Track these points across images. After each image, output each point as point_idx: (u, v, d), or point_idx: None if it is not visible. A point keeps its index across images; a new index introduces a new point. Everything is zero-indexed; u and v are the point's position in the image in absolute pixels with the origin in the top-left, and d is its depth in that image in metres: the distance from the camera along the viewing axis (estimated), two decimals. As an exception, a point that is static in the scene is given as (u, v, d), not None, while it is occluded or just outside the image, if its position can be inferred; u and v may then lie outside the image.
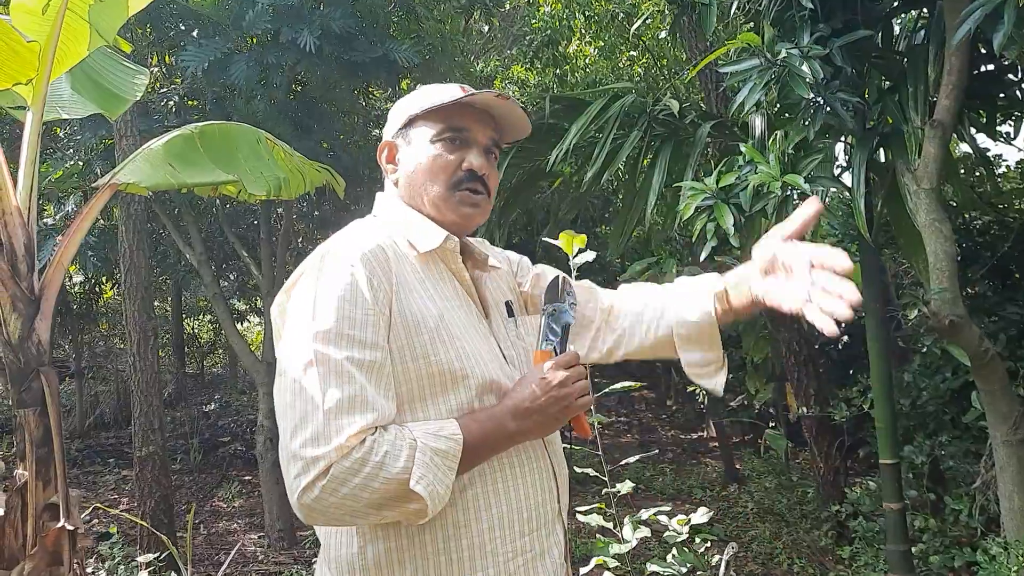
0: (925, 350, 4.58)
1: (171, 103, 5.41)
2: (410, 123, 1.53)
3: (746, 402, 7.56)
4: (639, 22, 4.34)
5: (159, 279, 9.45)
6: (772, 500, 6.30)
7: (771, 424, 7.29)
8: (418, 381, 1.34)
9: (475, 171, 1.49)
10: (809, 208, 1.42)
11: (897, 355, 5.17)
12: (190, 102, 5.82)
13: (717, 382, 1.64)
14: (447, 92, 1.51)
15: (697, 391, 8.66)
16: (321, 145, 5.80)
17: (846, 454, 5.50)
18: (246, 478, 7.98)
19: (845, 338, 6.89)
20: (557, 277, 1.60)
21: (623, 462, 2.82)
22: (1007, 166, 5.17)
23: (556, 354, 1.46)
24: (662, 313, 1.65)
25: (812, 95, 2.97)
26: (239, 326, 9.89)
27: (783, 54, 2.89)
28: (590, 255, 2.03)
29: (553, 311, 1.52)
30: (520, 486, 1.41)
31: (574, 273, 2.29)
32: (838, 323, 1.28)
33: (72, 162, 5.68)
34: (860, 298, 1.30)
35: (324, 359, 1.25)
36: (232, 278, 9.26)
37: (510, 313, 1.59)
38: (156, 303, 9.41)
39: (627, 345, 1.68)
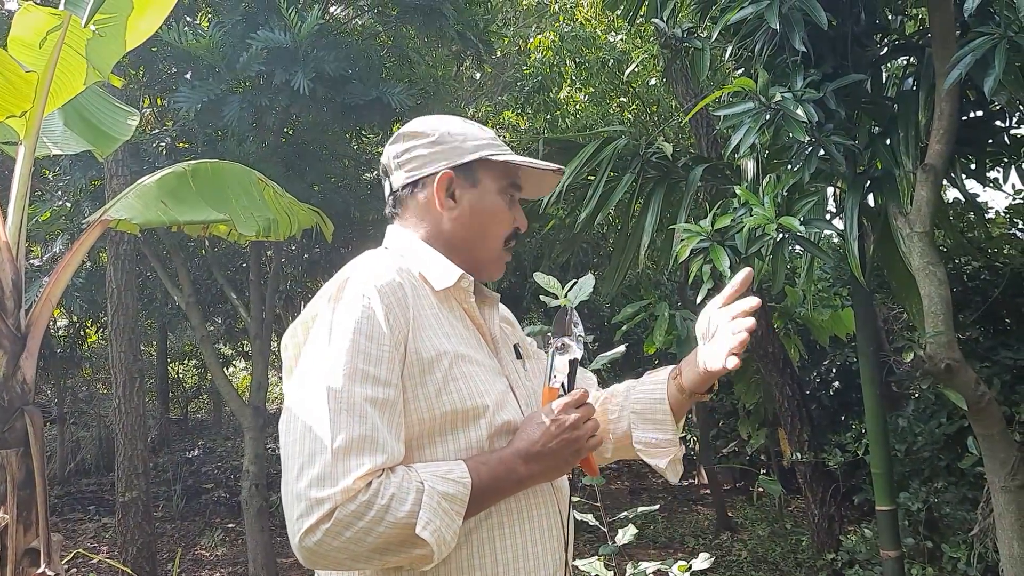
0: (919, 395, 4.56)
1: (163, 145, 5.41)
2: (474, 164, 1.50)
3: (738, 448, 7.51)
4: (631, 68, 4.39)
5: (145, 322, 9.36)
6: (766, 548, 6.21)
7: (763, 471, 7.23)
8: (431, 420, 1.30)
9: (519, 231, 1.55)
10: (740, 276, 1.51)
11: (890, 400, 5.14)
12: (181, 144, 5.82)
13: (669, 466, 1.62)
14: (492, 136, 1.55)
15: (688, 437, 8.61)
16: (313, 187, 5.79)
17: (841, 501, 5.44)
18: (229, 526, 7.82)
19: (836, 383, 6.89)
20: (564, 309, 1.57)
21: (621, 514, 2.75)
22: (996, 211, 5.21)
23: (564, 391, 1.43)
24: (626, 396, 1.68)
25: (807, 138, 2.98)
26: (226, 371, 9.78)
27: (777, 97, 2.90)
28: (585, 292, 1.98)
29: (561, 345, 1.48)
30: (527, 531, 1.37)
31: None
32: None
33: (61, 203, 5.65)
34: (754, 323, 1.43)
35: (337, 395, 1.22)
36: (219, 321, 9.19)
37: (518, 355, 1.58)
38: (141, 347, 9.30)
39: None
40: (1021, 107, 3.47)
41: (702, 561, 2.33)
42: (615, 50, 7.10)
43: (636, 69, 5.93)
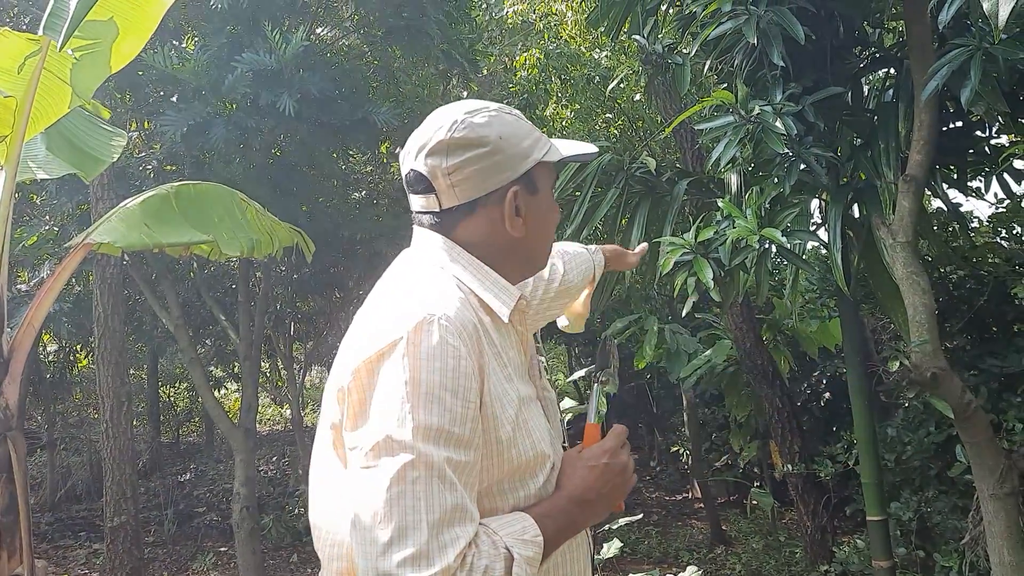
0: (908, 404, 4.57)
1: (149, 168, 5.42)
2: (532, 171, 1.33)
3: (730, 461, 7.50)
4: (613, 83, 4.43)
5: (135, 346, 9.32)
6: (760, 562, 6.20)
7: (756, 483, 7.22)
8: (499, 475, 1.21)
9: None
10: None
11: (879, 410, 5.16)
12: (167, 167, 5.82)
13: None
14: (533, 130, 1.38)
15: (681, 451, 8.60)
16: (301, 208, 5.80)
17: (833, 512, 5.45)
18: (221, 549, 7.76)
19: (827, 395, 6.89)
20: (605, 341, 1.53)
21: (606, 525, 2.75)
22: (979, 220, 5.25)
23: (606, 427, 1.38)
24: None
25: (786, 150, 3.01)
26: (216, 393, 9.75)
27: (757, 111, 2.93)
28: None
29: (606, 379, 1.45)
30: (569, 561, 1.33)
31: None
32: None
33: (47, 227, 5.64)
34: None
35: (427, 461, 1.09)
36: (209, 343, 9.16)
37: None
38: (131, 371, 9.26)
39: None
40: (999, 118, 3.50)
41: (690, 574, 2.33)
42: (600, 67, 7.16)
43: (620, 85, 5.97)
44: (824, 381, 6.77)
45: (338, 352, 1.28)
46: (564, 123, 8.03)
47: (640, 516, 2.86)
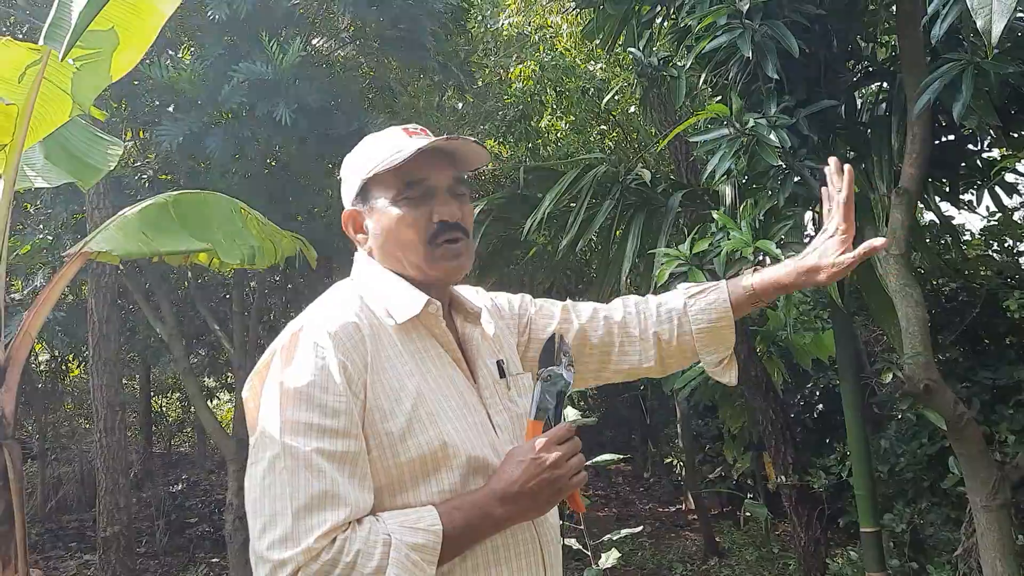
0: (900, 416, 4.59)
1: (145, 178, 5.41)
2: (366, 188, 1.44)
3: (723, 473, 7.50)
4: (608, 96, 4.45)
5: (127, 356, 9.29)
6: (754, 573, 6.19)
7: (749, 495, 7.22)
8: (397, 468, 1.26)
9: (447, 221, 1.41)
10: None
11: (872, 422, 5.17)
12: (163, 176, 5.82)
13: (727, 374, 1.69)
14: (390, 143, 1.43)
15: (674, 463, 8.59)
16: (296, 218, 5.80)
17: (826, 524, 5.45)
18: (213, 560, 7.71)
19: (820, 406, 6.91)
20: (553, 336, 1.50)
21: (605, 538, 2.76)
22: (971, 233, 5.29)
23: (550, 425, 1.36)
24: (683, 313, 1.67)
25: (780, 163, 3.03)
26: (209, 403, 9.69)
27: (751, 123, 2.95)
28: None
29: (548, 376, 1.41)
30: (504, 571, 1.31)
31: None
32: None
33: (41, 236, 5.63)
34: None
35: (293, 452, 1.20)
36: (203, 353, 9.13)
37: (501, 374, 1.48)
38: (124, 380, 9.23)
39: (659, 354, 1.67)
40: (991, 132, 3.53)
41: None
42: (595, 79, 7.20)
43: (615, 98, 6.01)
44: (818, 393, 6.79)
45: None
46: (559, 135, 8.06)
47: (640, 528, 2.86)
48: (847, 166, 1.65)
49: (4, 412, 2.16)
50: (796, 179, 3.24)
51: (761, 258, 3.15)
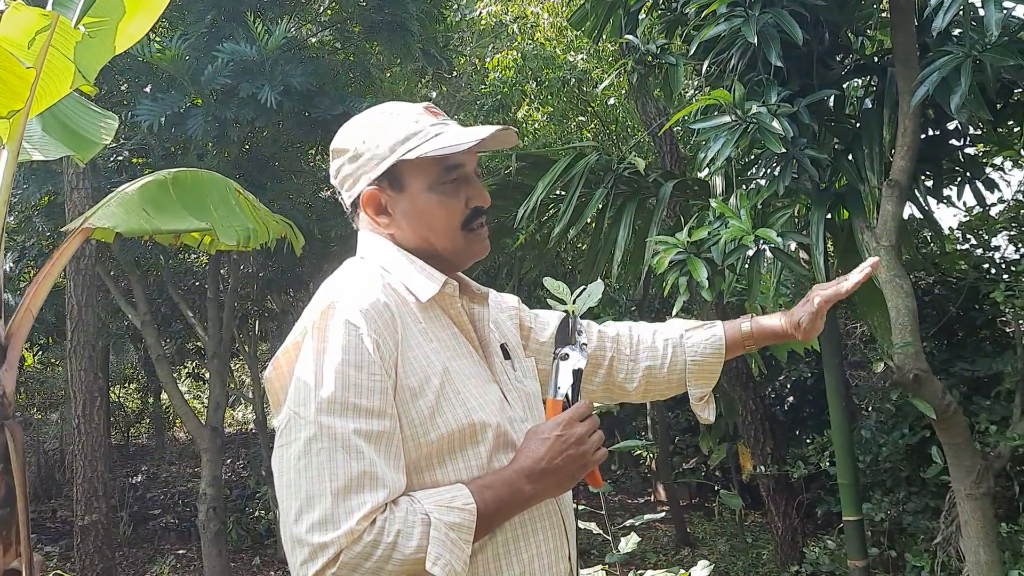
0: (879, 407, 4.66)
1: (119, 159, 5.27)
2: (395, 169, 1.38)
3: (695, 464, 7.57)
4: (603, 84, 4.43)
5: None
6: (727, 563, 6.25)
7: (719, 486, 7.29)
8: (427, 444, 1.25)
9: (480, 207, 1.42)
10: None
11: (849, 413, 5.25)
12: (135, 160, 5.67)
13: (708, 409, 1.73)
14: (424, 122, 1.38)
15: (642, 456, 8.64)
16: (272, 204, 5.71)
17: (804, 513, 5.53)
18: (180, 551, 7.59)
19: (791, 399, 7.00)
20: (567, 317, 1.53)
21: (628, 523, 2.76)
22: (949, 227, 5.38)
23: (568, 403, 1.39)
24: (678, 344, 1.70)
25: (783, 150, 3.04)
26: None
27: (754, 110, 2.96)
28: (594, 299, 1.89)
29: (566, 355, 1.44)
30: (532, 545, 1.33)
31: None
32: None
33: (9, 220, 5.46)
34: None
35: (330, 433, 1.17)
36: (168, 341, 8.96)
37: (506, 355, 1.50)
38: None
39: (644, 379, 1.69)
40: (980, 126, 3.59)
41: (701, 569, 2.35)
42: (576, 69, 7.18)
43: (606, 86, 5.99)
44: (789, 385, 6.89)
45: None
46: (537, 125, 8.05)
47: (662, 515, 2.88)
48: (873, 264, 1.71)
49: (5, 391, 2.09)
50: (795, 170, 3.27)
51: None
